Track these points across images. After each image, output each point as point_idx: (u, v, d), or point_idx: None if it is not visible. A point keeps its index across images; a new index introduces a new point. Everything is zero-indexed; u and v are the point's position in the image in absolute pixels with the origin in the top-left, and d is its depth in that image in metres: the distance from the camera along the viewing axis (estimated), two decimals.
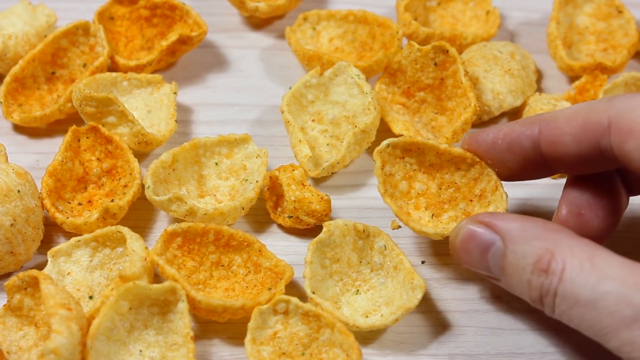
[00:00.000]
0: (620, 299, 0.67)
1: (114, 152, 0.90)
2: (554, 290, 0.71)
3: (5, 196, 0.82)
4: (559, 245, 0.71)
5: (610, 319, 0.68)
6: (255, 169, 0.90)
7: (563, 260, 0.70)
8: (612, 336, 0.69)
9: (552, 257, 0.71)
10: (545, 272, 0.71)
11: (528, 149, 0.78)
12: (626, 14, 1.02)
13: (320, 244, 0.83)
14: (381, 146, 0.83)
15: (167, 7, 1.01)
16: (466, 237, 0.77)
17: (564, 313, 0.71)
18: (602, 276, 0.69)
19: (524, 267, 0.72)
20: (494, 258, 0.75)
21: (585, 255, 0.70)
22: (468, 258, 0.77)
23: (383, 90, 0.97)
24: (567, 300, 0.70)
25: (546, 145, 0.77)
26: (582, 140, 0.74)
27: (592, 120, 0.74)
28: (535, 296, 0.73)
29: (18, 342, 0.79)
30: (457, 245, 0.78)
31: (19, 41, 0.97)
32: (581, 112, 0.75)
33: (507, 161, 0.80)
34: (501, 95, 0.96)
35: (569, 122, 0.75)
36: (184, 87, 1.01)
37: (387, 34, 0.99)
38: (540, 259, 0.71)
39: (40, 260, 0.87)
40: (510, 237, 0.73)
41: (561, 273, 0.70)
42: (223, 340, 0.83)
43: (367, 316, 0.81)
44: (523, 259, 0.72)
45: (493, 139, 0.80)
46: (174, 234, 0.83)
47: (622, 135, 0.71)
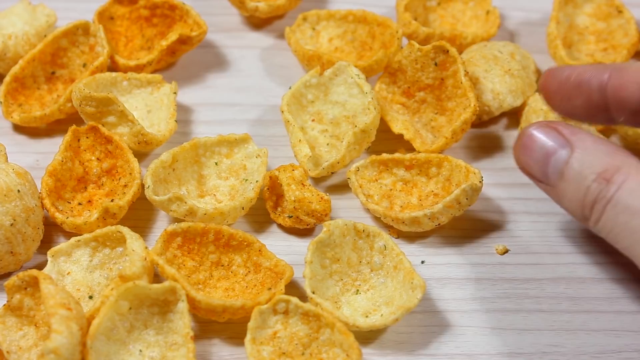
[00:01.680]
0: None
1: (114, 152, 0.90)
2: (609, 196, 0.74)
3: (5, 196, 0.82)
4: (627, 164, 0.74)
5: None
6: (255, 168, 0.90)
7: (627, 175, 0.73)
8: None
9: (617, 170, 0.74)
10: (607, 181, 0.74)
11: (595, 91, 0.80)
12: (626, 14, 1.02)
13: (320, 244, 0.83)
14: (352, 169, 0.88)
15: (167, 7, 1.01)
16: (532, 137, 0.78)
17: (609, 219, 0.74)
18: None
19: (587, 175, 0.75)
20: (556, 163, 0.77)
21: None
22: (529, 157, 0.79)
23: (383, 90, 0.97)
24: (618, 207, 0.73)
25: (612, 90, 0.79)
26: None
27: None
28: (588, 202, 0.75)
29: (18, 342, 0.79)
30: (521, 143, 0.79)
31: (19, 41, 0.97)
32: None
33: (573, 98, 0.82)
34: (501, 95, 0.96)
35: (638, 72, 0.78)
36: (184, 87, 1.01)
37: (386, 34, 0.99)
38: (607, 170, 0.74)
39: (40, 260, 0.87)
40: (582, 145, 0.76)
41: (622, 184, 0.73)
42: (223, 340, 0.83)
43: (367, 316, 0.81)
44: (589, 167, 0.75)
45: (567, 76, 0.82)
46: (174, 233, 0.83)
47: None
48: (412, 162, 0.89)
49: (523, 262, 0.87)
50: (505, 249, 0.88)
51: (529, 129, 0.79)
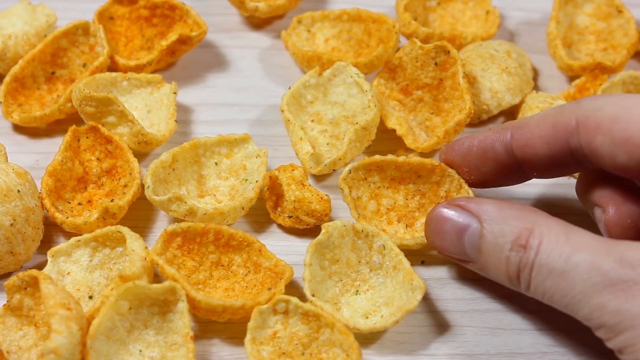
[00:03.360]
0: (591, 267, 0.71)
1: (114, 152, 0.90)
2: (530, 263, 0.74)
3: (5, 196, 0.82)
4: (537, 224, 0.74)
5: (582, 286, 0.71)
6: (255, 168, 0.90)
7: (540, 235, 0.73)
8: (584, 303, 0.72)
9: (530, 233, 0.74)
10: (524, 248, 0.74)
11: (501, 153, 0.81)
12: (626, 14, 1.02)
13: (319, 246, 0.83)
14: (344, 174, 0.86)
15: (167, 7, 1.01)
16: (441, 220, 0.79)
17: (538, 285, 0.74)
18: (575, 247, 0.72)
19: (503, 245, 0.75)
20: (470, 239, 0.77)
21: (561, 230, 0.73)
22: (442, 241, 0.79)
23: (381, 85, 0.97)
24: (542, 272, 0.73)
25: (518, 149, 0.80)
26: (552, 142, 0.77)
27: (560, 122, 0.77)
28: (513, 272, 0.75)
29: (18, 342, 0.79)
30: (432, 229, 0.80)
31: (19, 41, 0.97)
32: (550, 115, 0.78)
33: (482, 166, 0.83)
34: (499, 93, 0.96)
35: (539, 125, 0.78)
36: (184, 87, 1.01)
37: (383, 30, 0.99)
38: (520, 236, 0.74)
39: (40, 260, 0.87)
40: (488, 217, 0.76)
41: (538, 247, 0.73)
42: (223, 340, 0.83)
43: (367, 317, 0.81)
44: (502, 237, 0.75)
45: (468, 147, 0.83)
46: (173, 233, 0.83)
47: (589, 132, 0.74)
48: (403, 163, 0.87)
49: None
50: None
51: (434, 212, 0.79)
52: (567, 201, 0.92)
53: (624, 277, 0.70)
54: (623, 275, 0.70)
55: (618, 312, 0.70)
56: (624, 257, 0.70)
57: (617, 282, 0.70)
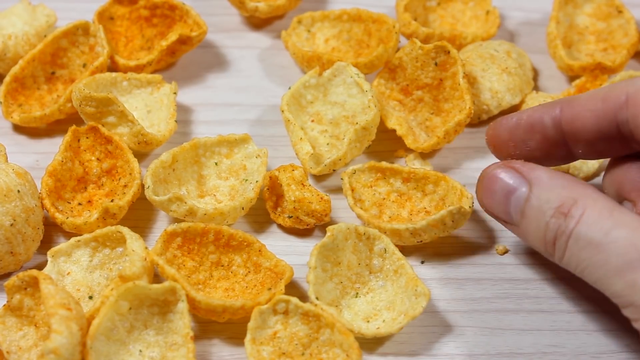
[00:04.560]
0: (630, 243, 0.70)
1: (114, 152, 0.90)
2: (569, 231, 0.73)
3: (5, 196, 0.82)
4: (584, 195, 0.74)
5: (617, 261, 0.71)
6: (255, 169, 0.90)
7: (584, 207, 0.73)
8: (616, 279, 0.71)
9: (574, 203, 0.73)
10: (565, 216, 0.74)
11: (549, 127, 0.80)
12: (626, 14, 1.02)
13: (324, 249, 0.82)
14: (348, 171, 0.86)
15: (167, 7, 1.01)
16: (493, 178, 0.79)
17: (573, 255, 0.74)
18: (617, 223, 0.72)
19: (546, 211, 0.75)
20: (516, 201, 0.77)
21: (606, 206, 0.73)
22: (491, 199, 0.79)
23: (381, 85, 0.97)
24: (580, 242, 0.73)
25: (566, 122, 0.79)
26: (601, 116, 0.77)
27: (611, 96, 0.77)
28: (549, 237, 0.75)
29: (18, 342, 0.79)
30: (482, 186, 0.80)
31: (19, 41, 0.97)
32: (601, 90, 0.78)
33: (529, 141, 0.81)
34: (499, 93, 0.96)
35: (589, 100, 0.78)
36: (184, 87, 1.01)
37: (383, 30, 0.99)
38: (563, 204, 0.74)
39: (40, 260, 0.87)
40: (538, 183, 0.76)
41: (580, 217, 0.73)
42: (223, 340, 0.83)
43: (369, 320, 0.81)
44: (546, 203, 0.75)
45: (516, 120, 0.82)
46: (173, 234, 0.83)
47: (638, 107, 0.75)
48: (410, 175, 0.88)
49: (523, 262, 0.87)
50: (505, 249, 0.88)
51: (488, 171, 0.79)
52: None
53: None
54: None
55: None
56: None
57: None
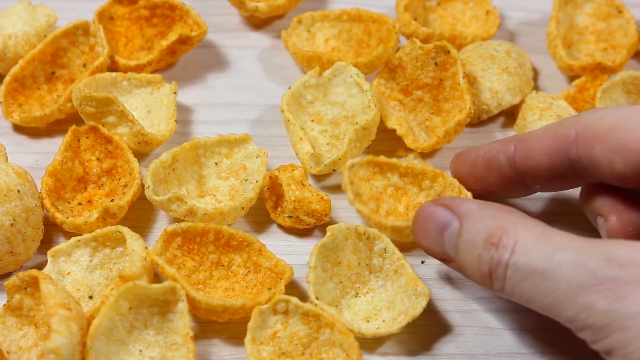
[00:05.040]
0: (576, 266, 0.69)
1: (114, 152, 0.90)
2: (505, 262, 0.72)
3: (5, 196, 0.82)
4: (512, 223, 0.73)
5: (567, 286, 0.69)
6: (255, 168, 0.90)
7: (515, 235, 0.72)
8: (568, 304, 0.70)
9: (503, 232, 0.73)
10: (496, 246, 0.72)
11: (504, 165, 0.82)
12: (626, 14, 1.02)
13: (324, 249, 0.82)
14: (347, 164, 0.85)
15: (167, 7, 1.01)
16: (426, 217, 0.78)
17: (515, 286, 0.72)
18: (557, 247, 0.70)
19: (476, 244, 0.74)
20: (449, 238, 0.77)
21: (538, 230, 0.72)
22: (426, 238, 0.79)
23: (381, 85, 0.97)
24: (520, 272, 0.71)
25: (520, 161, 0.81)
26: (553, 153, 0.78)
27: (560, 133, 0.78)
28: (484, 270, 0.74)
29: (18, 342, 0.79)
30: (417, 227, 0.80)
31: (19, 41, 0.97)
32: (551, 128, 0.80)
33: (487, 177, 0.84)
34: (499, 93, 0.96)
35: (541, 138, 0.80)
36: (184, 87, 1.01)
37: (383, 30, 0.99)
38: (492, 234, 0.73)
39: (40, 260, 0.87)
40: (467, 216, 0.75)
41: (513, 246, 0.72)
42: (223, 340, 0.83)
43: (369, 320, 0.81)
44: (476, 235, 0.74)
45: (474, 157, 0.85)
46: (173, 233, 0.83)
47: (588, 143, 0.75)
48: (407, 170, 0.88)
49: None
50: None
51: (420, 209, 0.79)
52: (570, 204, 0.92)
53: (612, 275, 0.68)
54: (611, 274, 0.68)
55: (607, 312, 0.68)
56: (611, 255, 0.69)
57: (604, 281, 0.68)
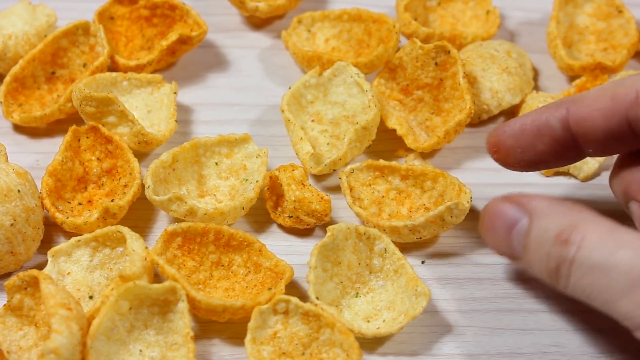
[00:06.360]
0: (634, 263, 0.69)
1: (114, 152, 0.90)
2: (571, 258, 0.71)
3: (5, 196, 0.82)
4: (583, 220, 0.72)
5: (623, 282, 0.69)
6: (255, 168, 0.90)
7: (584, 232, 0.71)
8: (625, 300, 0.70)
9: (573, 229, 0.72)
10: (566, 243, 0.72)
11: (557, 129, 0.78)
12: (626, 14, 1.02)
13: (324, 248, 0.82)
14: (346, 170, 0.85)
15: (167, 7, 1.01)
16: (494, 214, 0.76)
17: (577, 282, 0.72)
18: (619, 244, 0.70)
19: (546, 241, 0.73)
20: (518, 235, 0.75)
21: (606, 227, 0.71)
22: (493, 236, 0.77)
23: (382, 85, 0.97)
24: (582, 267, 0.71)
25: (575, 123, 0.77)
26: (611, 115, 0.75)
27: (619, 94, 0.74)
28: (552, 266, 0.73)
29: (18, 341, 0.79)
30: (484, 224, 0.78)
31: (19, 41, 0.97)
32: (609, 88, 0.76)
33: (537, 145, 0.80)
34: (500, 93, 0.96)
35: (597, 99, 0.76)
36: (184, 87, 1.01)
37: (383, 29, 0.99)
38: (563, 232, 0.72)
39: (40, 260, 0.87)
40: (537, 213, 0.74)
41: (580, 242, 0.71)
42: (223, 340, 0.83)
43: (369, 320, 0.81)
44: (546, 232, 0.73)
45: (521, 126, 0.80)
46: (174, 233, 0.83)
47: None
48: (408, 172, 0.88)
49: None
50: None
51: (488, 207, 0.77)
52: None
53: None
54: None
55: None
56: None
57: None
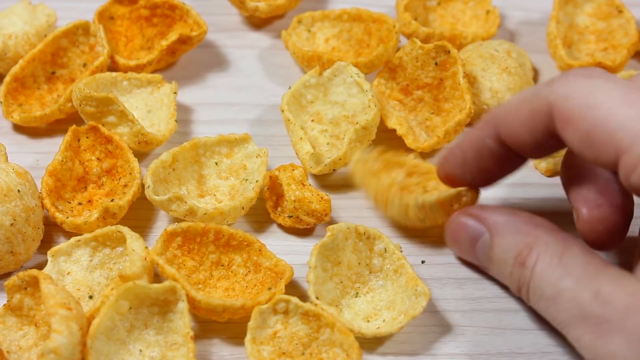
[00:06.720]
0: (572, 297, 0.70)
1: (114, 151, 0.90)
2: (527, 283, 0.74)
3: (5, 196, 0.82)
4: (538, 241, 0.74)
5: (565, 315, 0.71)
6: (255, 168, 0.90)
7: (537, 254, 0.73)
8: (566, 332, 0.72)
9: (530, 251, 0.74)
10: (523, 266, 0.74)
11: (495, 147, 0.78)
12: (626, 14, 1.02)
13: (324, 248, 0.82)
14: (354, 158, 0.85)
15: (167, 7, 1.01)
16: (457, 229, 0.80)
17: (535, 305, 0.75)
18: (564, 273, 0.71)
19: (507, 260, 0.76)
20: (481, 249, 0.78)
21: (557, 251, 0.73)
22: (459, 248, 0.82)
23: (382, 85, 0.97)
24: (535, 293, 0.74)
25: (507, 139, 0.77)
26: (533, 129, 0.74)
27: (536, 109, 0.74)
28: (514, 288, 0.77)
29: (18, 341, 0.79)
30: (449, 236, 0.82)
31: (19, 41, 0.97)
32: (526, 102, 0.75)
33: (483, 166, 0.80)
34: (499, 93, 0.96)
35: (518, 114, 0.75)
36: (184, 86, 1.01)
37: (383, 29, 0.99)
38: (520, 253, 0.74)
39: (40, 260, 0.87)
40: (497, 230, 0.76)
41: (533, 267, 0.73)
42: (223, 340, 0.83)
43: (369, 320, 0.81)
44: (506, 252, 0.75)
45: (461, 155, 0.81)
46: (174, 233, 0.83)
47: (561, 123, 0.72)
48: (413, 169, 0.86)
49: None
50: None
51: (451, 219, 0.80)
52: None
53: (597, 312, 0.69)
54: (596, 311, 0.69)
55: (591, 348, 0.69)
56: (600, 290, 0.69)
57: (590, 317, 0.69)
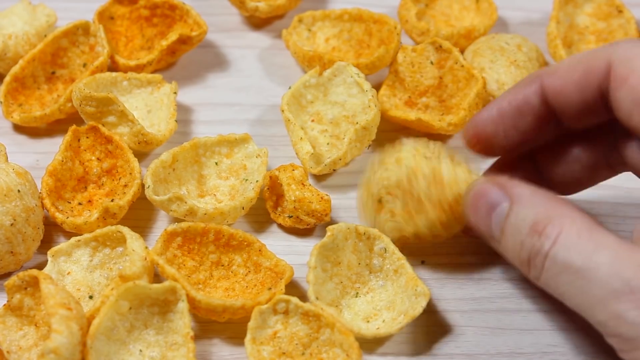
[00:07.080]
0: (612, 270, 0.67)
1: (114, 151, 0.90)
2: (545, 252, 0.70)
3: (5, 196, 0.82)
4: (561, 213, 0.71)
5: (601, 289, 0.67)
6: (255, 168, 0.90)
7: (560, 226, 0.70)
8: (601, 308, 0.68)
9: (550, 221, 0.70)
10: (539, 235, 0.70)
11: (537, 105, 0.77)
12: (626, 14, 1.02)
13: (324, 249, 0.82)
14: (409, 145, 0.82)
15: (167, 7, 1.01)
16: (478, 193, 0.76)
17: (551, 278, 0.71)
18: (597, 246, 0.68)
19: (521, 229, 0.72)
20: (497, 218, 0.75)
21: (585, 225, 0.70)
22: (475, 215, 0.77)
23: (385, 103, 0.96)
24: (557, 265, 0.70)
25: (552, 96, 0.76)
26: (585, 87, 0.73)
27: (593, 65, 0.73)
28: (524, 257, 0.72)
29: (18, 341, 0.79)
30: (468, 202, 0.77)
31: (19, 41, 0.97)
32: (583, 59, 0.75)
33: (520, 125, 0.79)
34: (506, 85, 0.95)
35: (571, 70, 0.75)
36: (184, 87, 1.01)
37: (384, 30, 0.99)
38: (538, 222, 0.71)
39: (40, 260, 0.87)
40: (518, 200, 0.73)
41: (556, 237, 0.70)
42: (223, 340, 0.83)
43: (369, 321, 0.81)
44: (523, 220, 0.72)
45: (498, 110, 0.79)
46: (174, 233, 0.83)
47: (617, 81, 0.71)
48: None
49: None
50: None
51: (473, 186, 0.77)
52: None
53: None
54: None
55: (637, 324, 0.66)
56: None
57: (637, 292, 0.66)
